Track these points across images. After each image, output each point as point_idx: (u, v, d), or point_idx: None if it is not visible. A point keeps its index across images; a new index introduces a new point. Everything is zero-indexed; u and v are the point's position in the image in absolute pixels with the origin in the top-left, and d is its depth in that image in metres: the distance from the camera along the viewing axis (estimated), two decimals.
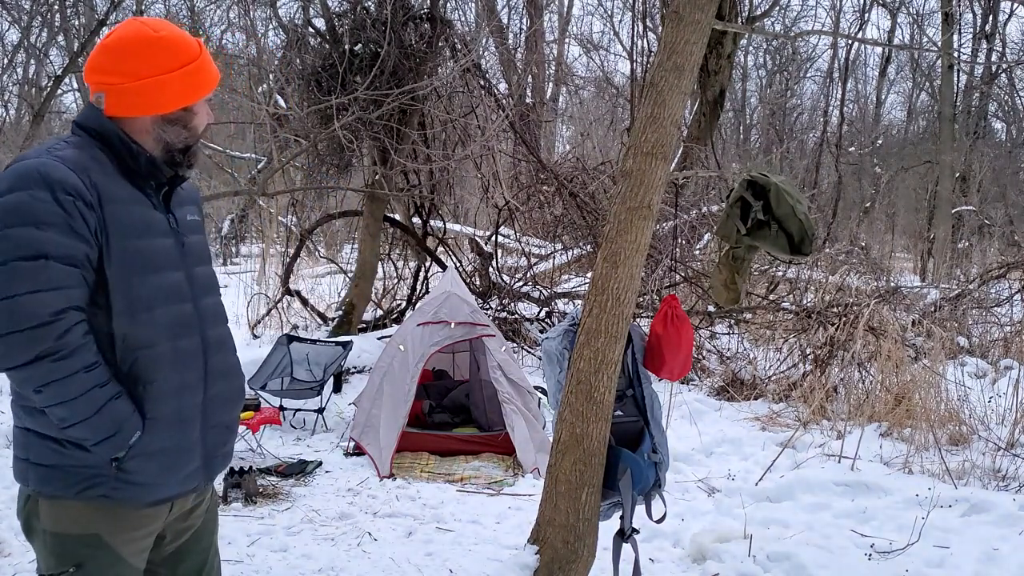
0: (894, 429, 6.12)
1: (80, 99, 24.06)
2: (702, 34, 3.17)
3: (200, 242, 1.96)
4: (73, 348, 1.63)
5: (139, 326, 1.72)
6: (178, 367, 1.78)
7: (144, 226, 1.77)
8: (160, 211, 1.84)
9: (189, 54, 1.82)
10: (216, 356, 1.89)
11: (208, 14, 18.28)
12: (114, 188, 1.73)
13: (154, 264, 1.77)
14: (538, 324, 8.93)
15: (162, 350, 1.75)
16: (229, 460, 2.02)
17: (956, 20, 18.56)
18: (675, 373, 3.37)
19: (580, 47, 23.63)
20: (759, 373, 7.69)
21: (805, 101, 26.36)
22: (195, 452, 1.85)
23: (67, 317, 1.63)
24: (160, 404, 1.75)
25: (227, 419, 1.95)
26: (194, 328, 1.84)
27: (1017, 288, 9.50)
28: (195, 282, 1.88)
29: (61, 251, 1.62)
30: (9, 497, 4.33)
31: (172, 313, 1.79)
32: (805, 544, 4.10)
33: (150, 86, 1.78)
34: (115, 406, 1.68)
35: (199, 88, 1.85)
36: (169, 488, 1.82)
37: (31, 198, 1.62)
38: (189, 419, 1.81)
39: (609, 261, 3.20)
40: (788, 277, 9.68)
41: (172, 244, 1.84)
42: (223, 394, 1.91)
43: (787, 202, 3.57)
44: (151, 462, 1.75)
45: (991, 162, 20.15)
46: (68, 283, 1.64)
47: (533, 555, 3.30)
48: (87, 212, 1.66)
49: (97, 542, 1.75)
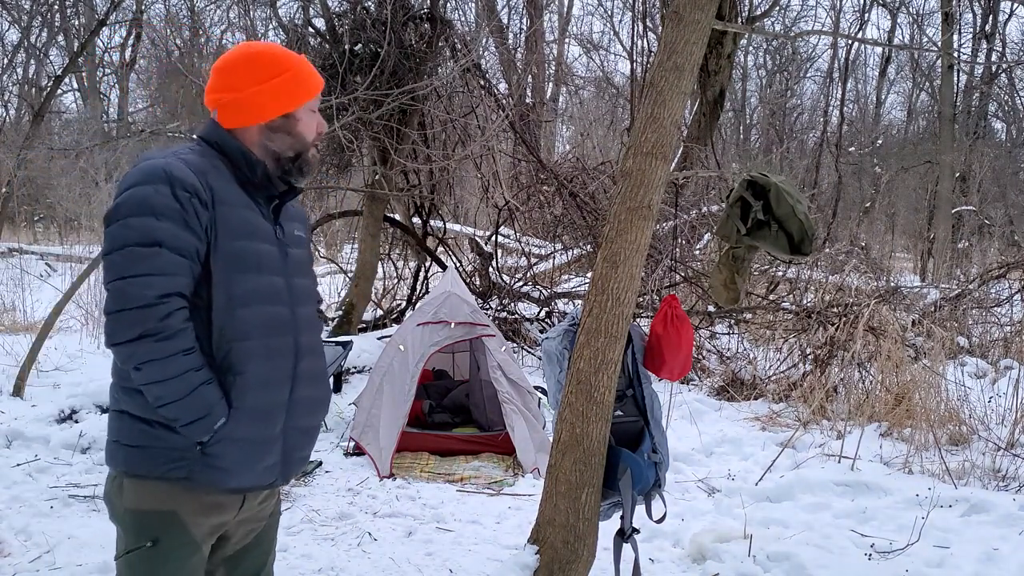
0: (894, 429, 6.12)
1: (80, 99, 24.06)
2: (702, 34, 3.17)
3: (302, 256, 2.07)
4: (174, 331, 1.75)
5: (235, 320, 1.83)
6: (268, 363, 1.88)
7: (251, 230, 1.89)
8: (268, 221, 1.96)
9: (284, 65, 1.97)
10: (306, 361, 1.98)
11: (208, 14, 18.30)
12: (228, 192, 1.88)
13: (256, 266, 1.88)
14: (538, 324, 8.94)
15: (254, 345, 1.85)
16: (304, 464, 2.08)
17: (956, 20, 18.57)
18: (675, 373, 3.37)
19: (580, 47, 23.66)
20: (759, 373, 7.69)
21: (805, 101, 26.39)
22: (275, 447, 1.93)
23: (171, 301, 1.76)
24: (247, 395, 1.84)
25: (308, 423, 2.02)
26: (288, 331, 1.94)
27: (1017, 288, 9.49)
28: (294, 290, 1.98)
29: (173, 241, 1.77)
30: (9, 497, 4.33)
31: (268, 313, 1.89)
32: (805, 544, 4.10)
33: (250, 97, 1.94)
34: (206, 390, 1.79)
35: (295, 95, 1.98)
36: (248, 477, 1.89)
37: (154, 192, 1.78)
38: (273, 414, 1.90)
39: (609, 261, 3.20)
40: (788, 277, 9.68)
41: (276, 252, 1.95)
42: (308, 398, 2.00)
43: (787, 202, 3.57)
44: (234, 448, 1.83)
45: (991, 162, 20.14)
46: (176, 271, 1.77)
47: (533, 555, 3.30)
48: (200, 209, 1.80)
49: (174, 519, 1.84)
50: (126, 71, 22.57)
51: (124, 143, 11.95)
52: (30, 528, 3.93)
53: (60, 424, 5.55)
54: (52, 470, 4.77)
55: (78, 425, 5.42)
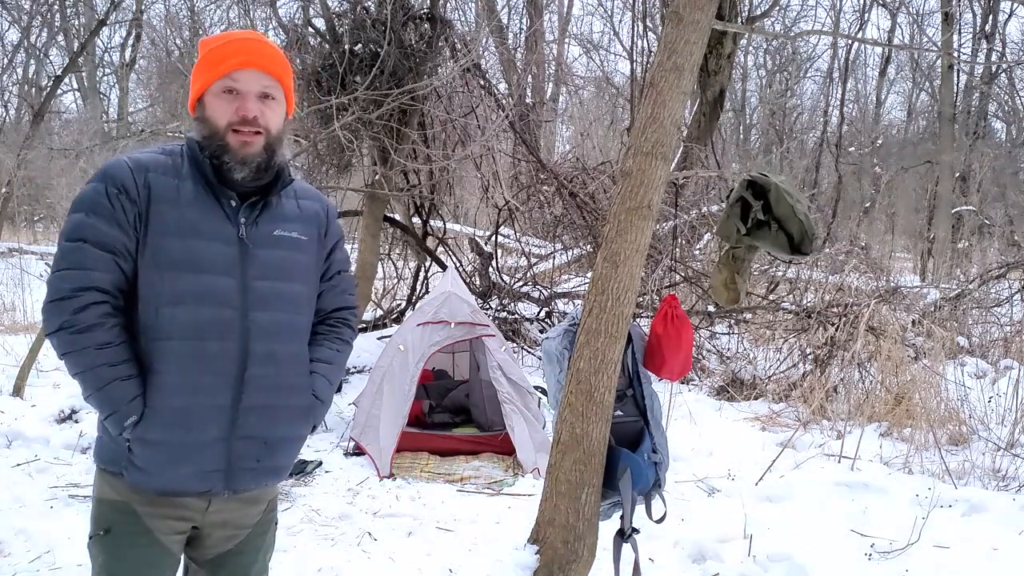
0: (894, 429, 6.12)
1: (80, 99, 24.07)
2: (702, 34, 3.17)
3: (280, 258, 1.94)
4: (87, 324, 1.75)
5: (159, 318, 1.79)
6: (196, 367, 1.81)
7: (192, 227, 1.82)
8: (230, 220, 1.87)
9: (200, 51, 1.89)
10: (260, 369, 1.87)
11: (208, 14, 18.29)
12: (173, 189, 1.83)
13: (190, 264, 1.81)
14: (538, 324, 8.93)
15: (176, 345, 1.80)
16: (272, 476, 1.99)
17: (956, 20, 18.57)
18: (675, 373, 3.37)
19: (580, 47, 23.65)
20: (759, 373, 7.69)
21: (805, 101, 26.39)
22: (210, 455, 1.85)
23: (85, 295, 1.76)
24: (164, 397, 1.79)
25: (268, 434, 1.92)
26: (230, 335, 1.84)
27: (1017, 288, 9.49)
28: (251, 293, 1.88)
29: (96, 237, 1.78)
30: (9, 497, 4.33)
31: (203, 315, 1.82)
32: (805, 544, 4.10)
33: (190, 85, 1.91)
34: (117, 387, 1.77)
35: (199, 80, 1.87)
36: (175, 482, 1.84)
37: (92, 190, 1.82)
38: (199, 420, 1.83)
39: (609, 261, 3.20)
40: (788, 277, 9.68)
41: (230, 252, 1.86)
42: (264, 407, 1.90)
43: (787, 202, 3.57)
44: (153, 452, 1.80)
45: (991, 162, 20.14)
46: (96, 266, 1.77)
47: (533, 555, 3.30)
48: (128, 206, 1.79)
49: (126, 509, 1.85)
50: (126, 71, 22.57)
51: (124, 143, 11.94)
52: (30, 528, 3.92)
53: (60, 424, 5.55)
54: (52, 470, 4.77)
55: (78, 425, 5.42)
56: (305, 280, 2.00)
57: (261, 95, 1.87)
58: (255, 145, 1.85)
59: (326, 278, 2.08)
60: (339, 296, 2.12)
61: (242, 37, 1.90)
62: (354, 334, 2.18)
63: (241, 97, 1.85)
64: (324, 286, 2.08)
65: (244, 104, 1.84)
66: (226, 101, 1.85)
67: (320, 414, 2.05)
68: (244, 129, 1.84)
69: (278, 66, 1.90)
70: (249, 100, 1.85)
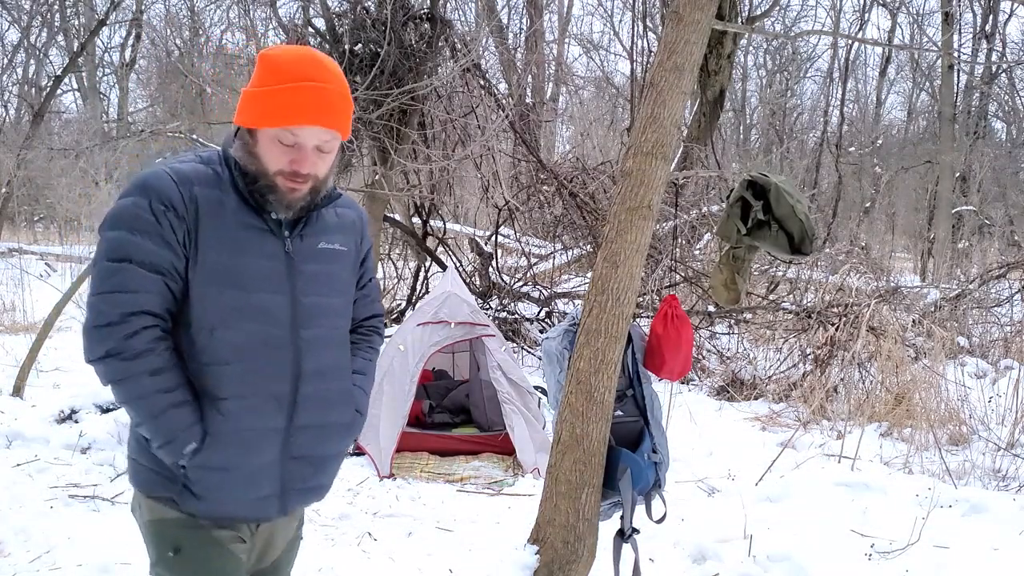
0: (894, 429, 6.12)
1: (80, 99, 24.08)
2: (702, 34, 3.17)
3: (324, 272, 1.87)
4: (138, 351, 1.67)
5: (213, 340, 1.72)
6: (252, 389, 1.75)
7: (241, 244, 1.75)
8: (275, 234, 1.80)
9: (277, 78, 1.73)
10: (311, 386, 1.82)
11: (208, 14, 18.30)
12: (219, 202, 1.74)
13: (241, 283, 1.74)
14: (538, 324, 8.93)
15: (235, 369, 1.73)
16: (316, 495, 1.94)
17: (956, 20, 18.56)
18: (675, 373, 3.37)
19: (580, 47, 23.64)
20: (759, 373, 7.69)
21: (805, 101, 26.39)
22: (267, 479, 1.80)
23: (135, 320, 1.67)
24: (224, 422, 1.73)
25: (317, 453, 1.86)
26: (283, 354, 1.78)
27: (1017, 288, 9.49)
28: (300, 309, 1.81)
29: (145, 256, 1.68)
30: (9, 497, 4.33)
31: (256, 334, 1.75)
32: (805, 544, 4.09)
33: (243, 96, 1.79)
34: (174, 414, 1.69)
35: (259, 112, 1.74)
36: (233, 509, 1.79)
37: (132, 204, 1.70)
38: (258, 443, 1.77)
39: (609, 261, 3.20)
40: (788, 277, 9.68)
41: (278, 268, 1.79)
42: (315, 425, 1.84)
43: (787, 202, 3.57)
44: (212, 477, 1.74)
45: (991, 162, 20.14)
46: (145, 288, 1.68)
47: (533, 555, 3.30)
48: (176, 223, 1.70)
49: (193, 523, 1.78)
50: (126, 71, 22.57)
51: (124, 143, 11.95)
52: (30, 528, 3.92)
53: (60, 424, 5.54)
54: (52, 470, 4.76)
55: (78, 425, 5.42)
56: (346, 292, 1.96)
57: (317, 148, 1.77)
58: (302, 191, 1.78)
59: (359, 286, 2.03)
60: (371, 304, 2.08)
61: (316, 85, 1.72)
62: (383, 341, 2.13)
63: (298, 150, 1.75)
64: (357, 294, 2.03)
65: (300, 159, 1.75)
66: (281, 151, 1.74)
67: (360, 427, 1.99)
68: (296, 180, 1.76)
69: (342, 118, 1.78)
70: (306, 155, 1.75)
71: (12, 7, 19.40)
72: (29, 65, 22.31)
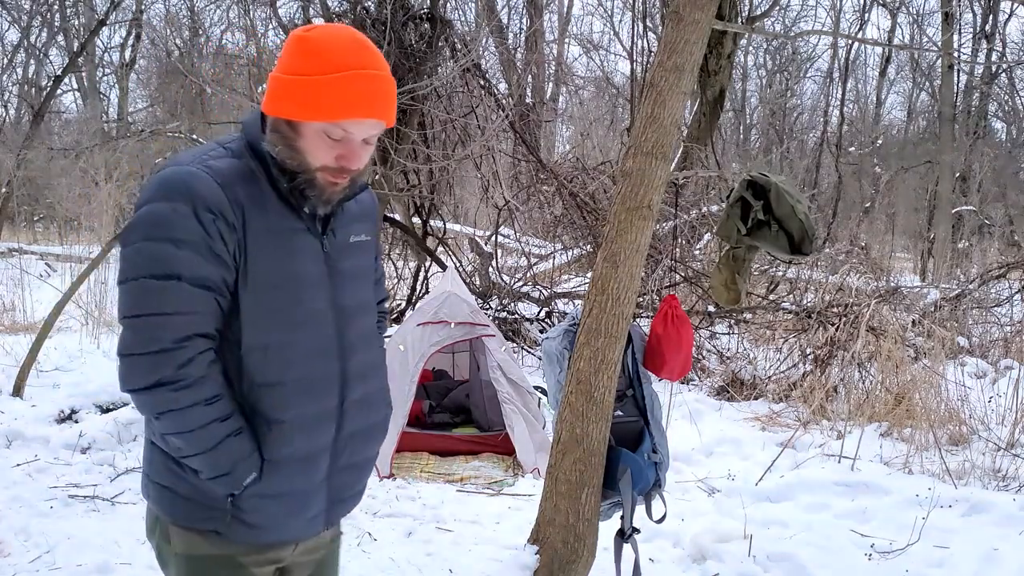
0: (894, 429, 6.12)
1: (80, 99, 24.08)
2: (702, 34, 3.17)
3: (357, 267, 1.75)
4: (194, 379, 1.51)
5: (267, 361, 1.58)
6: (308, 403, 1.62)
7: (288, 251, 1.60)
8: (314, 234, 1.66)
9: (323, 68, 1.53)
10: (356, 387, 1.70)
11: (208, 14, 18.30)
12: (261, 206, 1.57)
13: (295, 293, 1.60)
14: (538, 324, 8.93)
15: (292, 387, 1.59)
16: (356, 501, 1.83)
17: (956, 20, 18.56)
18: (675, 373, 3.37)
19: (580, 47, 23.65)
20: (759, 373, 7.68)
21: (805, 101, 26.40)
22: (318, 496, 1.69)
23: (191, 345, 1.51)
24: (283, 446, 1.59)
25: (361, 457, 1.76)
26: (332, 358, 1.66)
27: (1017, 288, 9.49)
28: (342, 310, 1.69)
29: (195, 272, 1.50)
30: (9, 497, 4.33)
31: (309, 344, 1.62)
32: (805, 544, 4.10)
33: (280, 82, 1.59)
34: (232, 443, 1.55)
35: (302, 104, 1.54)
36: (285, 533, 1.69)
37: (172, 211, 1.49)
38: (315, 461, 1.65)
39: (609, 261, 3.20)
40: (788, 277, 9.68)
41: (321, 271, 1.66)
42: (361, 430, 1.73)
43: (787, 202, 3.57)
44: (269, 504, 1.62)
45: (991, 162, 20.14)
46: (197, 308, 1.51)
47: (533, 555, 3.30)
48: (227, 233, 1.52)
49: (232, 563, 1.66)
50: (126, 71, 22.57)
51: (124, 143, 11.96)
52: (30, 528, 3.93)
53: (60, 424, 5.54)
54: (52, 470, 4.76)
55: (78, 425, 5.42)
56: (372, 280, 1.86)
57: (365, 140, 1.62)
58: (342, 185, 1.63)
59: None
60: (379, 287, 1.95)
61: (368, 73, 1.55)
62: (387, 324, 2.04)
63: (346, 144, 1.59)
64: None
65: (349, 154, 1.60)
66: (328, 145, 1.58)
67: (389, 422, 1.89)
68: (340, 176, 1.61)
69: (390, 108, 1.62)
70: (355, 150, 1.60)
71: (12, 7, 19.40)
72: (29, 65, 22.31)
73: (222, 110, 15.33)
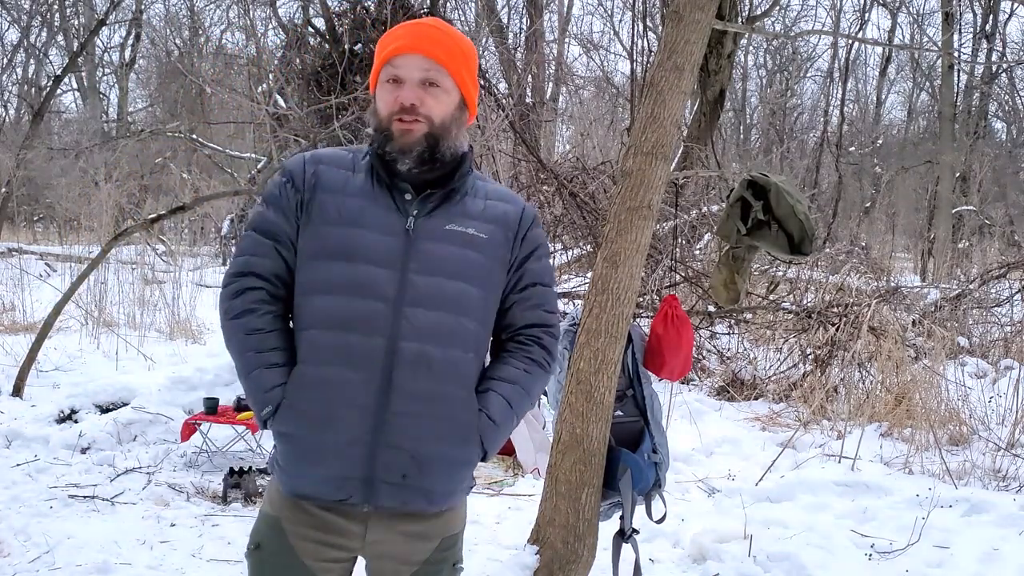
0: (894, 429, 6.12)
1: (80, 99, 24.08)
2: (702, 34, 3.17)
3: (448, 253, 1.74)
4: (240, 310, 1.74)
5: (306, 307, 1.73)
6: (335, 360, 1.68)
7: (354, 217, 1.73)
8: (402, 212, 1.74)
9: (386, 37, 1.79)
10: (409, 372, 1.68)
11: (208, 14, 18.31)
12: (342, 180, 1.77)
13: (348, 254, 1.70)
14: None
15: (323, 337, 1.69)
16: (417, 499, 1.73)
17: (956, 20, 18.57)
18: (675, 373, 3.37)
19: (580, 47, 23.64)
20: (759, 373, 7.68)
21: (805, 101, 26.42)
22: (348, 460, 1.68)
23: (242, 280, 1.76)
24: (301, 390, 1.69)
25: (415, 448, 1.69)
26: (380, 331, 1.67)
27: (1017, 288, 9.48)
28: (410, 287, 1.70)
29: (263, 224, 1.78)
30: (9, 497, 4.33)
31: (352, 306, 1.68)
32: (805, 544, 4.09)
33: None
34: (260, 375, 1.71)
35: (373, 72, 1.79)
36: (306, 484, 1.70)
37: (271, 183, 1.85)
38: (336, 419, 1.67)
39: (609, 261, 3.20)
40: (788, 277, 9.67)
41: (393, 244, 1.72)
42: (413, 417, 1.69)
43: (787, 202, 3.57)
44: (289, 447, 1.71)
45: (991, 162, 20.16)
46: (257, 251, 1.77)
47: (533, 555, 3.30)
48: (292, 194, 1.77)
49: (275, 524, 1.76)
50: (126, 71, 22.58)
51: (124, 143, 11.97)
52: (30, 528, 3.92)
53: (59, 424, 5.54)
54: (51, 470, 4.76)
55: (77, 425, 5.42)
56: (479, 282, 1.76)
57: (423, 81, 1.71)
58: (415, 133, 1.70)
59: (517, 289, 1.83)
60: (531, 311, 1.85)
61: (412, 22, 1.79)
62: (550, 356, 1.89)
63: (401, 85, 1.72)
64: (515, 298, 1.83)
65: (403, 92, 1.71)
66: (389, 91, 1.73)
67: (492, 437, 1.77)
68: (405, 118, 1.70)
69: (443, 50, 1.73)
70: (408, 88, 1.71)
71: (12, 7, 19.41)
72: (29, 65, 22.32)
73: (222, 110, 15.34)
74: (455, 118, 1.75)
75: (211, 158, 12.83)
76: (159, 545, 3.88)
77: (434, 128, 1.71)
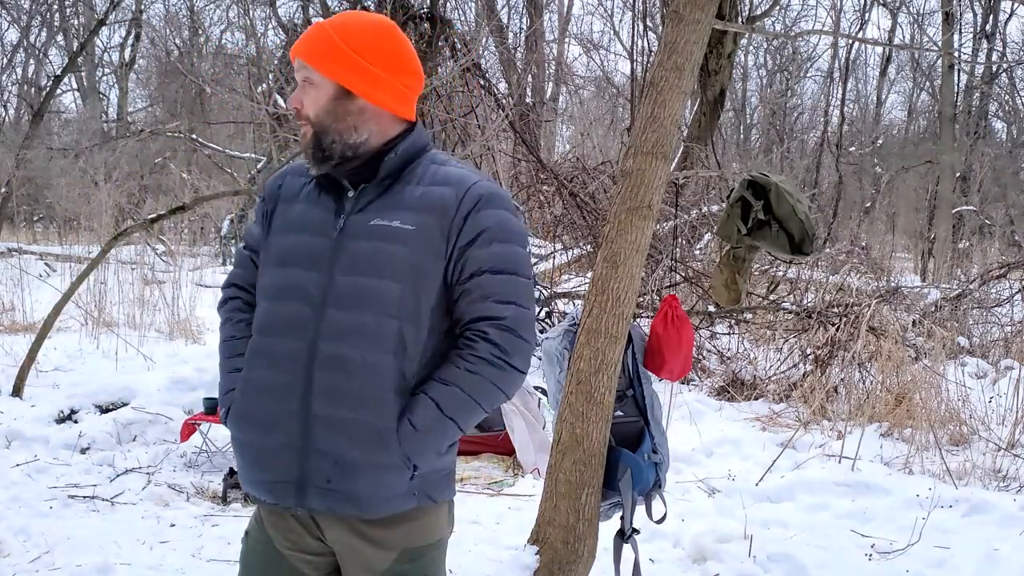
0: (894, 429, 6.11)
1: (79, 99, 24.08)
2: (702, 34, 3.17)
3: (369, 250, 1.66)
4: (222, 320, 1.90)
5: (257, 315, 1.80)
6: (266, 365, 1.70)
7: (298, 223, 1.76)
8: (332, 211, 1.72)
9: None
10: (326, 374, 1.64)
11: (208, 14, 18.32)
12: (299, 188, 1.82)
13: (283, 260, 1.74)
14: (538, 324, 8.93)
15: (258, 343, 1.76)
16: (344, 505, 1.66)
17: (956, 20, 18.57)
18: (675, 373, 3.36)
19: (580, 47, 23.64)
20: (759, 373, 7.68)
21: (805, 101, 26.42)
22: (281, 465, 1.66)
23: (226, 292, 1.92)
24: (241, 395, 1.76)
25: (336, 452, 1.63)
26: (304, 334, 1.66)
27: (1017, 288, 9.48)
28: (333, 289, 1.66)
29: (246, 238, 1.92)
30: (9, 497, 4.33)
31: (279, 310, 1.71)
32: (805, 544, 4.09)
33: None
34: (224, 379, 1.84)
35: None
36: (250, 486, 1.75)
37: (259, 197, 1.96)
38: (267, 423, 1.68)
39: (609, 261, 3.20)
40: (788, 277, 9.67)
41: (323, 245, 1.69)
42: (331, 421, 1.64)
43: (787, 202, 3.57)
44: (234, 448, 1.81)
45: (991, 162, 20.15)
46: (238, 263, 1.92)
47: (533, 555, 3.29)
48: (262, 207, 1.88)
49: (258, 515, 1.85)
50: (125, 71, 22.58)
51: (123, 143, 11.97)
52: (29, 528, 3.92)
53: (59, 424, 5.54)
54: (51, 470, 4.76)
55: (77, 425, 5.41)
56: (400, 277, 1.65)
57: (303, 83, 1.74)
58: (307, 135, 1.72)
59: (461, 280, 1.69)
60: (478, 303, 1.68)
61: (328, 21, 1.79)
62: (503, 352, 1.68)
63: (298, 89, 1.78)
64: (459, 290, 1.70)
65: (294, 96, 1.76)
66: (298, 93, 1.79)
67: (413, 443, 1.65)
68: (300, 122, 1.74)
69: (307, 47, 1.72)
70: (295, 93, 1.75)
71: (12, 7, 19.41)
72: (29, 65, 22.32)
73: (222, 110, 15.35)
74: (332, 109, 1.69)
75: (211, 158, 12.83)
76: (159, 545, 3.88)
77: (318, 128, 1.71)
